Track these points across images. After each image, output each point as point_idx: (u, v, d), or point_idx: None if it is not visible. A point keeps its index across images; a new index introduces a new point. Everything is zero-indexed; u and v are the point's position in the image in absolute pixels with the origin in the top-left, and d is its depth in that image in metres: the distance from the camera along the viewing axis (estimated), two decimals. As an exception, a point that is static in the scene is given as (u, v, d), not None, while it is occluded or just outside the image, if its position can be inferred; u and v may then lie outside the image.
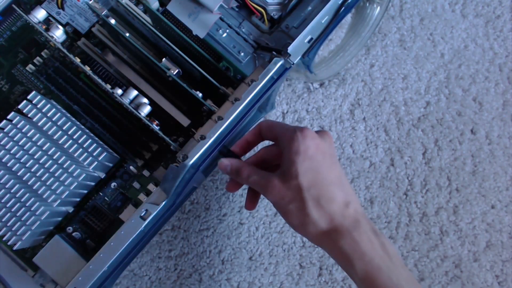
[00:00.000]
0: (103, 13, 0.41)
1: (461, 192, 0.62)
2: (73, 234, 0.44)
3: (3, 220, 0.39)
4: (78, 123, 0.44)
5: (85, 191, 0.44)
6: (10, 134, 0.41)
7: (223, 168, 0.41)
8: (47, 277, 0.41)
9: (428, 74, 0.66)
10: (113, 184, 0.45)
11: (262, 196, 0.42)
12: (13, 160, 0.40)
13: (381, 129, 0.63)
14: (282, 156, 0.39)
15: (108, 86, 0.40)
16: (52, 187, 0.40)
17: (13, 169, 0.40)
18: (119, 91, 0.40)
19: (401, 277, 0.35)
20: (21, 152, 0.40)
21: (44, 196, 0.40)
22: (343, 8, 0.44)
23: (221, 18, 0.46)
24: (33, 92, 0.42)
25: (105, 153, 0.43)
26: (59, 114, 0.42)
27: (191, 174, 0.38)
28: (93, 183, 0.44)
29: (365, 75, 0.65)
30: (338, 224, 0.37)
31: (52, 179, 0.40)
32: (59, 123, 0.42)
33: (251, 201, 0.44)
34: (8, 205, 0.39)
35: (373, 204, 0.61)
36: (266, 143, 0.44)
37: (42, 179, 0.40)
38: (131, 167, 0.45)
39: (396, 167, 0.63)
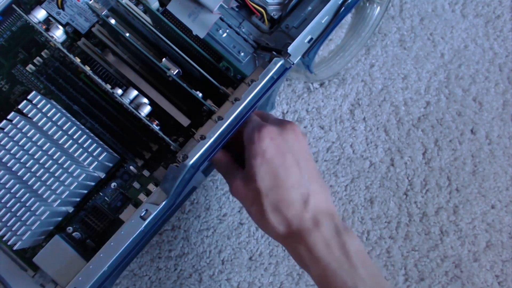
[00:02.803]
0: (103, 13, 0.41)
1: (461, 192, 0.62)
2: (73, 234, 0.44)
3: (3, 220, 0.39)
4: (78, 123, 0.44)
5: (85, 191, 0.44)
6: (10, 134, 0.41)
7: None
8: (47, 277, 0.41)
9: (428, 74, 0.66)
10: (113, 184, 0.45)
11: None
12: (13, 160, 0.40)
13: (381, 129, 0.63)
14: (245, 157, 0.39)
15: (108, 86, 0.40)
16: (52, 187, 0.40)
17: (13, 169, 0.40)
18: (119, 91, 0.40)
19: (359, 278, 0.34)
20: (21, 152, 0.40)
21: (44, 196, 0.40)
22: (343, 8, 0.44)
23: (221, 18, 0.46)
24: (33, 92, 0.42)
25: (105, 153, 0.43)
26: (59, 114, 0.42)
27: (191, 174, 0.38)
28: (93, 183, 0.44)
29: (365, 75, 0.65)
30: (295, 229, 0.36)
31: (52, 179, 0.40)
32: (59, 123, 0.42)
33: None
34: (8, 205, 0.39)
35: (373, 204, 0.61)
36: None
37: (42, 179, 0.40)
38: (131, 167, 0.45)
39: (396, 167, 0.63)
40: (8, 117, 0.41)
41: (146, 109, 0.40)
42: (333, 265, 0.35)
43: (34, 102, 0.42)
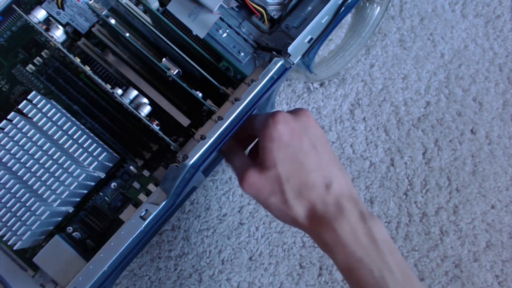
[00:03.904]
0: (103, 13, 0.41)
1: (461, 192, 0.62)
2: (73, 234, 0.44)
3: (3, 220, 0.39)
4: (78, 123, 0.44)
5: (85, 191, 0.44)
6: (10, 134, 0.41)
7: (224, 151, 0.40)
8: (47, 277, 0.41)
9: (428, 74, 0.66)
10: (113, 184, 0.45)
11: None
12: (13, 160, 0.40)
13: (381, 129, 0.63)
14: (259, 145, 0.38)
15: (108, 86, 0.40)
16: (52, 187, 0.40)
17: (13, 169, 0.40)
18: (119, 91, 0.40)
19: (386, 266, 0.33)
20: (21, 152, 0.40)
21: (44, 196, 0.40)
22: (343, 8, 0.44)
23: (221, 18, 0.46)
24: (33, 92, 0.42)
25: (105, 153, 0.43)
26: (59, 114, 0.42)
27: (191, 174, 0.38)
28: (93, 183, 0.44)
29: (365, 75, 0.65)
30: (320, 214, 0.35)
31: (52, 179, 0.40)
32: (59, 123, 0.42)
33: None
34: (8, 205, 0.39)
35: (373, 204, 0.61)
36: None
37: (42, 179, 0.40)
38: (131, 167, 0.45)
39: (396, 167, 0.63)
40: (8, 117, 0.41)
41: (146, 109, 0.40)
42: (360, 252, 0.34)
43: (34, 102, 0.42)
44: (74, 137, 0.42)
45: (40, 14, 0.40)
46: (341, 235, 0.34)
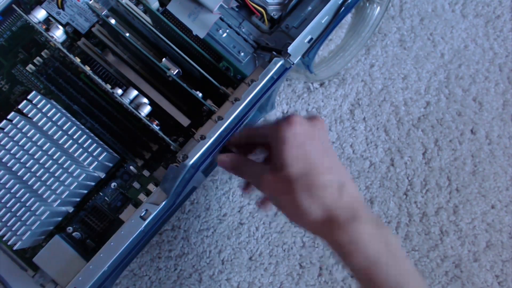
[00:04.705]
0: (103, 13, 0.41)
1: (461, 192, 0.62)
2: (73, 234, 0.44)
3: (3, 220, 0.39)
4: (78, 123, 0.44)
5: (85, 191, 0.44)
6: (10, 134, 0.41)
7: (222, 164, 0.40)
8: (47, 277, 0.41)
9: (428, 74, 0.66)
10: (113, 184, 0.45)
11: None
12: (13, 160, 0.40)
13: (381, 129, 0.63)
14: (271, 150, 0.38)
15: (108, 86, 0.40)
16: (52, 187, 0.40)
17: (13, 169, 0.40)
18: (119, 91, 0.40)
19: (401, 272, 0.34)
20: (21, 152, 0.40)
21: (44, 196, 0.40)
22: (343, 8, 0.44)
23: (221, 18, 0.46)
24: (33, 92, 0.42)
25: (105, 153, 0.43)
26: (59, 114, 0.42)
27: (191, 174, 0.38)
28: (93, 183, 0.44)
29: (365, 75, 0.65)
30: (333, 214, 0.35)
31: (52, 179, 0.40)
32: (59, 123, 0.42)
33: (247, 186, 0.43)
34: (8, 205, 0.39)
35: (373, 204, 0.61)
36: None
37: (42, 179, 0.40)
38: (131, 167, 0.45)
39: (396, 167, 0.63)
40: (8, 117, 0.41)
41: (146, 109, 0.40)
42: (376, 256, 0.34)
43: (34, 102, 0.42)
44: (74, 137, 0.42)
45: (40, 14, 0.40)
46: (359, 238, 0.34)
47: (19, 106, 0.42)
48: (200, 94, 0.41)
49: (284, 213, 0.38)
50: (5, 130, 0.41)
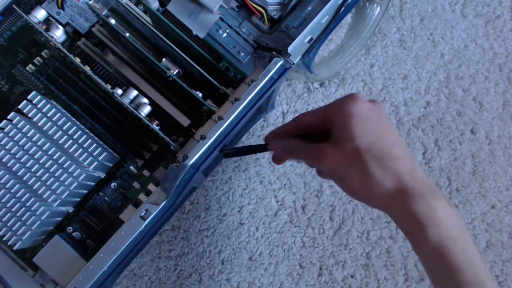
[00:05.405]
0: (103, 13, 0.41)
1: (461, 192, 0.62)
2: (73, 234, 0.44)
3: (3, 220, 0.39)
4: (78, 123, 0.44)
5: (85, 191, 0.44)
6: (10, 134, 0.41)
7: (275, 149, 0.39)
8: (47, 277, 0.41)
9: (428, 74, 0.66)
10: (113, 184, 0.45)
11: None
12: (13, 160, 0.40)
13: (381, 129, 0.63)
14: (332, 128, 0.36)
15: (108, 86, 0.40)
16: (52, 187, 0.40)
17: (13, 169, 0.40)
18: (119, 91, 0.40)
19: (474, 253, 0.33)
20: (21, 152, 0.41)
21: (44, 196, 0.40)
22: (343, 8, 0.44)
23: (221, 18, 0.46)
24: (33, 92, 0.42)
25: (105, 153, 0.43)
26: (59, 114, 0.42)
27: (191, 174, 0.38)
28: (93, 183, 0.44)
29: (365, 75, 0.65)
30: (408, 185, 0.33)
31: (52, 179, 0.40)
32: (59, 123, 0.42)
33: (281, 158, 0.41)
34: (8, 205, 0.39)
35: (373, 204, 0.61)
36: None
37: (42, 179, 0.40)
38: (131, 167, 0.46)
39: (396, 167, 0.62)
40: (8, 117, 0.41)
41: (146, 109, 0.40)
42: (454, 232, 0.32)
43: (34, 102, 0.42)
44: (74, 137, 0.42)
45: (40, 14, 0.40)
46: (438, 211, 0.32)
47: (19, 106, 0.42)
48: (200, 94, 0.41)
49: (345, 188, 0.36)
50: (5, 130, 0.41)
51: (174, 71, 0.42)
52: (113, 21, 0.41)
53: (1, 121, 0.41)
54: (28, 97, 0.42)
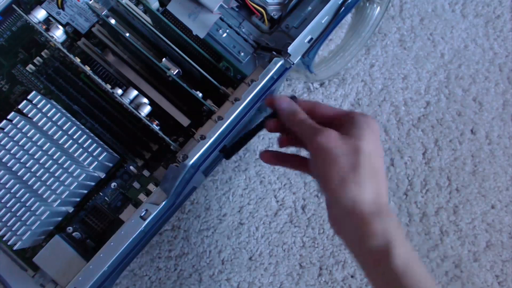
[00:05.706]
0: (103, 13, 0.41)
1: (461, 192, 0.62)
2: (73, 234, 0.44)
3: (3, 220, 0.39)
4: (78, 123, 0.44)
5: (85, 191, 0.44)
6: (10, 134, 0.41)
7: (281, 103, 0.38)
8: (47, 277, 0.41)
9: (428, 74, 0.66)
10: (113, 184, 0.45)
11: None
12: (13, 160, 0.40)
13: (381, 129, 0.63)
14: (346, 124, 0.36)
15: (108, 86, 0.40)
16: (52, 187, 0.40)
17: (13, 169, 0.40)
18: (119, 91, 0.40)
19: (430, 278, 0.34)
20: (21, 152, 0.40)
21: (44, 196, 0.40)
22: (343, 8, 0.44)
23: (221, 18, 0.46)
24: (33, 92, 0.42)
25: (105, 153, 0.43)
26: (59, 114, 0.42)
27: (191, 174, 0.38)
28: (93, 183, 0.44)
29: (365, 75, 0.65)
30: (384, 203, 0.35)
31: (52, 179, 0.40)
32: (59, 123, 0.42)
33: (287, 141, 0.41)
34: (8, 205, 0.39)
35: (373, 204, 0.61)
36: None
37: (42, 179, 0.40)
38: (131, 167, 0.45)
39: (396, 167, 0.63)
40: (8, 117, 0.41)
41: (146, 109, 0.40)
42: (414, 253, 0.34)
43: (34, 102, 0.42)
44: (74, 137, 0.42)
45: (40, 14, 0.40)
46: (401, 231, 0.34)
47: (19, 106, 0.42)
48: (200, 94, 0.41)
49: (327, 172, 0.35)
50: (5, 130, 0.41)
51: (174, 71, 0.42)
52: (113, 21, 0.41)
53: (1, 121, 0.41)
54: (28, 97, 0.42)
